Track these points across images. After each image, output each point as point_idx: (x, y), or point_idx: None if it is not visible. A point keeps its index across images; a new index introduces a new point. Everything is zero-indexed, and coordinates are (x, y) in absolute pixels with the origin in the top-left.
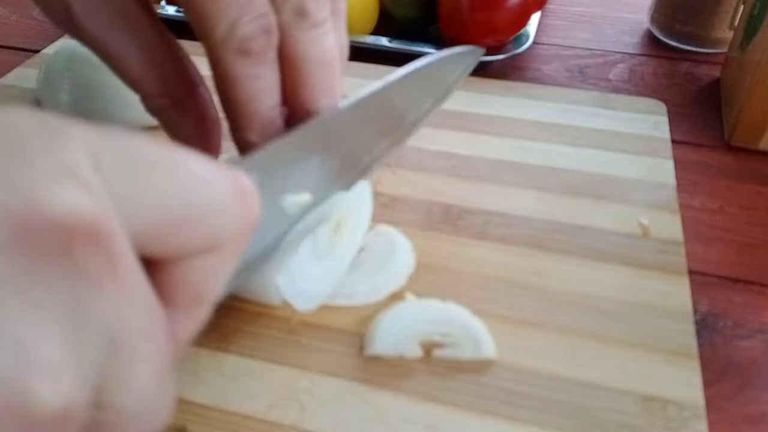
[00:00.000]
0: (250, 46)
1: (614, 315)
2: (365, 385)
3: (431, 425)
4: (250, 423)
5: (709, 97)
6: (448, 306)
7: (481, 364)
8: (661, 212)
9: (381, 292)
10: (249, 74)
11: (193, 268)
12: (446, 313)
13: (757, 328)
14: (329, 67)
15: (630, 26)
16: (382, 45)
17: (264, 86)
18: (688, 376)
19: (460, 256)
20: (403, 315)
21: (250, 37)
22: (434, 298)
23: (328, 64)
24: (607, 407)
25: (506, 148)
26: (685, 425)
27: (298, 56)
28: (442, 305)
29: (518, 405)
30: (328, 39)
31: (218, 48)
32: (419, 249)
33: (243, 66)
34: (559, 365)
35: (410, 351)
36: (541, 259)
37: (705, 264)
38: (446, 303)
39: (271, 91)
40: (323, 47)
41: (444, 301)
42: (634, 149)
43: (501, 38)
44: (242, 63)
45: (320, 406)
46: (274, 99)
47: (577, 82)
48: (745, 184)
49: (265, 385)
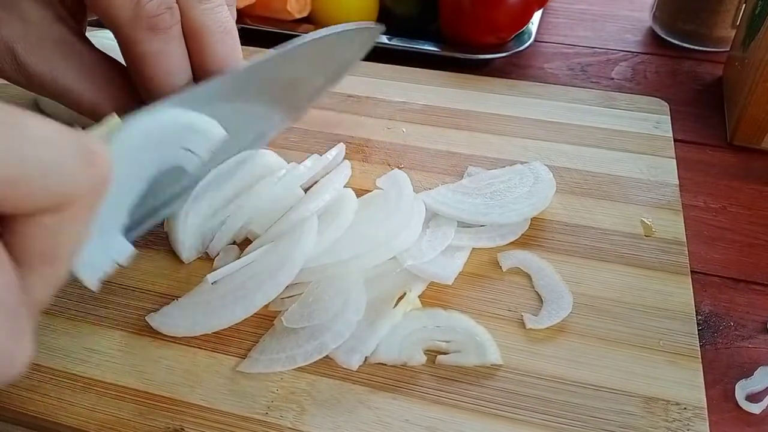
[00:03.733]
0: (157, 22)
1: (616, 315)
2: (364, 386)
3: (432, 427)
4: (248, 425)
5: (711, 96)
6: (451, 314)
7: (482, 366)
8: (663, 212)
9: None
10: (160, 50)
11: (41, 225)
12: (450, 321)
13: (760, 328)
14: (229, 35)
15: (632, 24)
16: (381, 42)
17: (175, 62)
18: (690, 377)
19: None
20: (406, 322)
21: (156, 14)
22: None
23: (228, 33)
24: (609, 408)
25: (507, 147)
26: (687, 426)
27: (199, 28)
28: (445, 313)
29: (520, 406)
30: (223, 10)
31: (128, 29)
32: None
33: (153, 42)
34: (561, 366)
35: (415, 358)
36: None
37: (707, 264)
38: (449, 311)
39: (182, 67)
40: (220, 18)
41: (447, 309)
42: (637, 148)
43: (503, 36)
44: (152, 40)
45: (319, 407)
46: (186, 74)
47: (579, 81)
48: (748, 184)
49: (263, 386)
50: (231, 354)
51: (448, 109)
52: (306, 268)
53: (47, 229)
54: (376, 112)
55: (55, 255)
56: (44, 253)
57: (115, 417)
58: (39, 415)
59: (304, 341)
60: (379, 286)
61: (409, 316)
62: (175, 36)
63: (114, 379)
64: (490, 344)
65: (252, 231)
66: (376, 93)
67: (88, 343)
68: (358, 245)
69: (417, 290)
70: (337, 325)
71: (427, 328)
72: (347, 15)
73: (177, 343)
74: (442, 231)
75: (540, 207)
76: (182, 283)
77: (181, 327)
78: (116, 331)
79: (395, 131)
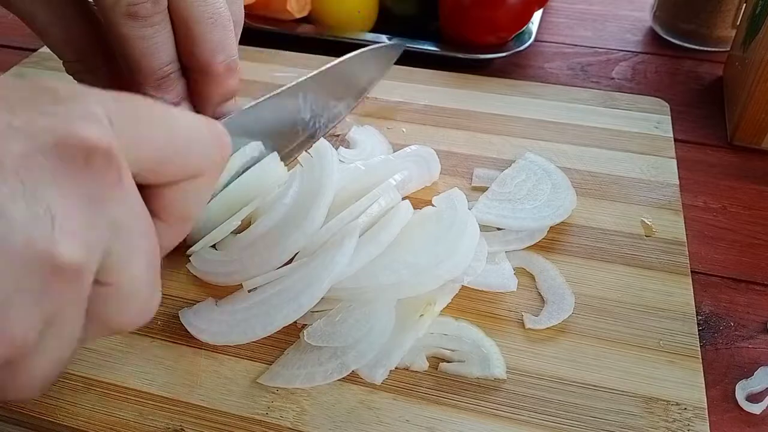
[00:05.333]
0: (137, 10)
1: (616, 315)
2: (364, 386)
3: (431, 427)
4: (247, 425)
5: (711, 96)
6: (461, 323)
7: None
8: (664, 212)
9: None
10: (139, 35)
11: (181, 191)
12: (458, 330)
13: (760, 328)
14: (220, 26)
15: (633, 24)
16: (381, 42)
17: (155, 45)
18: (690, 377)
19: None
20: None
21: (137, 3)
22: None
23: (219, 24)
24: (609, 408)
25: (507, 147)
26: (688, 426)
27: (188, 16)
28: (455, 323)
29: (520, 406)
30: (216, 1)
31: (108, 12)
32: None
33: (132, 27)
34: (561, 366)
35: (417, 364)
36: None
37: (708, 264)
38: (459, 320)
39: (163, 50)
40: (211, 9)
41: (457, 319)
42: (637, 148)
43: (503, 36)
44: (131, 25)
45: (319, 408)
46: (167, 56)
47: (580, 81)
48: (748, 184)
49: (263, 386)
50: (231, 354)
51: (448, 109)
52: (340, 287)
53: (185, 194)
54: (376, 112)
55: (188, 214)
56: (181, 213)
57: (115, 417)
58: (39, 415)
59: (325, 359)
60: (407, 300)
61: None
62: (156, 23)
63: (114, 379)
64: (497, 357)
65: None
66: (376, 93)
67: (88, 343)
68: (400, 269)
69: (442, 302)
70: (361, 344)
71: (434, 335)
72: (347, 15)
73: (177, 343)
74: (480, 240)
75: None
76: (190, 285)
77: (206, 333)
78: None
79: (395, 131)
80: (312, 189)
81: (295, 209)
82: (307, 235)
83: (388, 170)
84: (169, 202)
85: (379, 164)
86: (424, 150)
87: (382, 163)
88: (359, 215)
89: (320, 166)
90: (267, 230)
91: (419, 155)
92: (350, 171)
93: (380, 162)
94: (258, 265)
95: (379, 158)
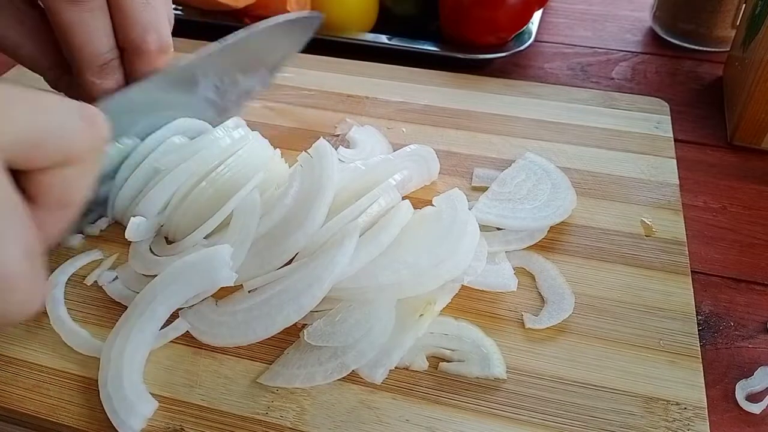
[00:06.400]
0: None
1: (617, 315)
2: (364, 386)
3: (431, 427)
4: (248, 425)
5: (711, 96)
6: (461, 323)
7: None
8: (663, 212)
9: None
10: (79, 21)
11: (54, 176)
12: (458, 330)
13: (760, 328)
14: (152, 8)
15: (632, 24)
16: (381, 42)
17: (95, 31)
18: (690, 377)
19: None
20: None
21: None
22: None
23: (151, 6)
24: (609, 408)
25: (507, 147)
26: (688, 426)
27: (122, 0)
28: (455, 322)
29: (520, 406)
30: None
31: (50, 0)
32: None
33: (73, 14)
34: (561, 366)
35: (417, 363)
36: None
37: (708, 264)
38: (459, 320)
39: (103, 36)
40: None
41: (457, 319)
42: (637, 148)
43: (503, 36)
44: (72, 11)
45: (319, 407)
46: (107, 44)
47: (579, 81)
48: (748, 184)
49: (263, 386)
50: (231, 354)
51: (448, 109)
52: (341, 287)
53: (62, 180)
54: (376, 112)
55: (68, 200)
56: (60, 199)
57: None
58: (39, 415)
59: (325, 359)
60: (407, 299)
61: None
62: (95, 8)
63: None
64: (497, 357)
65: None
66: (376, 93)
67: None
68: (400, 269)
69: (442, 302)
70: (361, 344)
71: (434, 334)
72: (347, 14)
73: (177, 343)
74: (480, 240)
75: (571, 205)
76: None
77: (207, 335)
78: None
79: (395, 131)
80: (312, 189)
81: (295, 209)
82: (307, 235)
83: (388, 170)
84: (46, 188)
85: (378, 164)
86: (423, 149)
87: (382, 163)
88: (359, 215)
89: (320, 166)
90: (267, 230)
91: (418, 154)
92: (350, 171)
93: (380, 162)
94: (258, 266)
95: (379, 158)
